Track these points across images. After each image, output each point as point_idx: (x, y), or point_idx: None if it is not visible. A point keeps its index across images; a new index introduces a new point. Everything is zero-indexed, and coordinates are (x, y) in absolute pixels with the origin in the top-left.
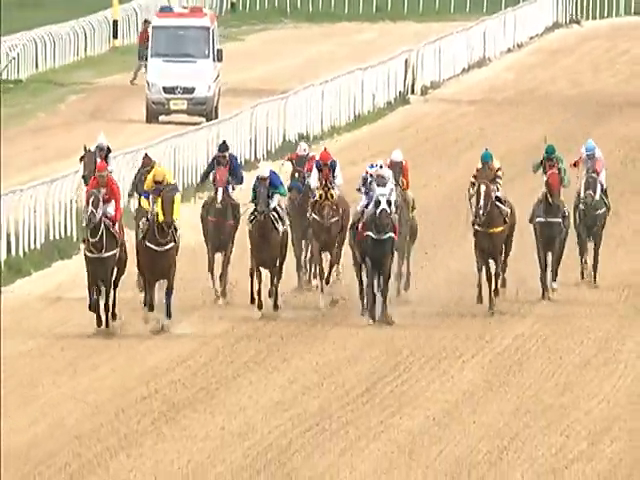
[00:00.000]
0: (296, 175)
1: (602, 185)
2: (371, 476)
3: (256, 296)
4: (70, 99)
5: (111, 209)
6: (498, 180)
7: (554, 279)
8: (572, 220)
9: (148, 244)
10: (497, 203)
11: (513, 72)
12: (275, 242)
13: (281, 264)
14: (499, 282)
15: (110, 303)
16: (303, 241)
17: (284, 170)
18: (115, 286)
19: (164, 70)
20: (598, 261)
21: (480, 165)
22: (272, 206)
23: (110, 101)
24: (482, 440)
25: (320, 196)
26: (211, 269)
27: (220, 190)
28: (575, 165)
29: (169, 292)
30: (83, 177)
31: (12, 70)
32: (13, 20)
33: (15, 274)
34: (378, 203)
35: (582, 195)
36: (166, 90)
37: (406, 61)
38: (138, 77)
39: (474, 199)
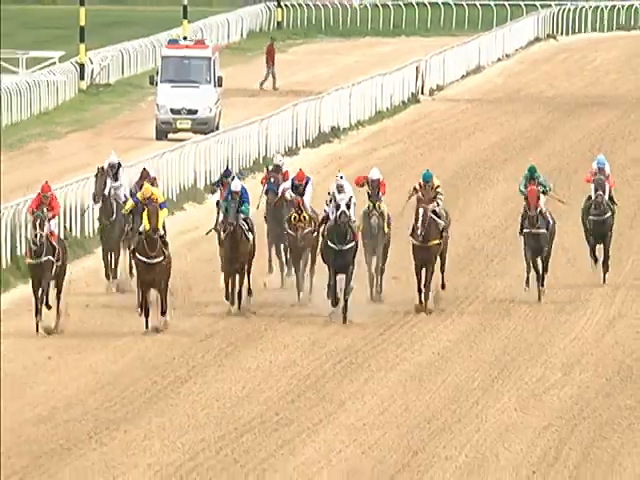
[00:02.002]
0: (272, 180)
1: (610, 191)
2: (389, 399)
3: (231, 296)
4: (148, 99)
5: (53, 225)
6: (439, 196)
7: (542, 284)
8: (581, 224)
9: (139, 256)
10: (434, 217)
11: (502, 77)
12: (244, 250)
13: (249, 270)
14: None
15: (47, 303)
16: (278, 244)
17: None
18: (59, 290)
19: (171, 94)
20: (609, 260)
21: (422, 183)
22: (242, 217)
23: None
24: (477, 371)
25: (294, 218)
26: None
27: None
28: (588, 181)
29: (162, 301)
30: (93, 195)
31: (104, 76)
32: (105, 36)
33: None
34: (338, 207)
35: (593, 196)
36: (173, 111)
37: (417, 68)
38: (268, 81)
39: (411, 212)
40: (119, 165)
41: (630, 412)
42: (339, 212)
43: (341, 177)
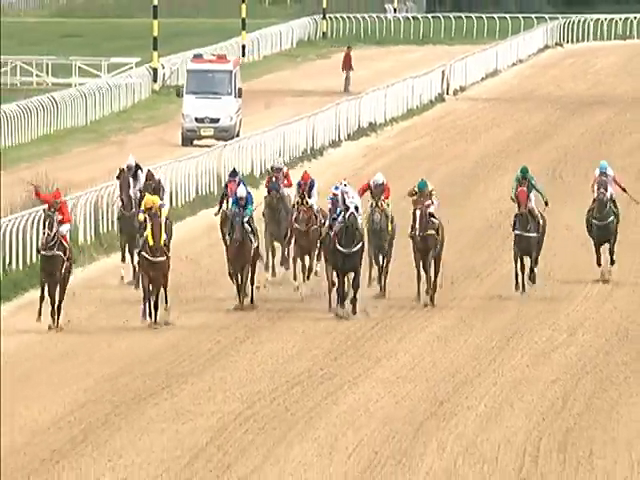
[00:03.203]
0: (273, 179)
1: (612, 195)
2: (419, 356)
3: (237, 294)
4: None
5: (64, 230)
6: (433, 200)
7: (531, 280)
8: (585, 227)
9: (144, 254)
10: (431, 218)
11: (516, 79)
12: (248, 249)
13: (253, 270)
14: (438, 278)
15: (58, 300)
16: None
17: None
18: (62, 288)
19: (196, 104)
20: (613, 260)
21: (418, 191)
22: (245, 220)
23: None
24: (494, 333)
25: (297, 202)
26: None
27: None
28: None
29: (165, 297)
30: (120, 197)
31: (173, 79)
32: (175, 45)
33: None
34: (347, 208)
35: (596, 194)
36: (197, 120)
37: (442, 72)
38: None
39: (411, 218)
40: (137, 167)
41: (626, 367)
42: (348, 213)
43: (345, 184)
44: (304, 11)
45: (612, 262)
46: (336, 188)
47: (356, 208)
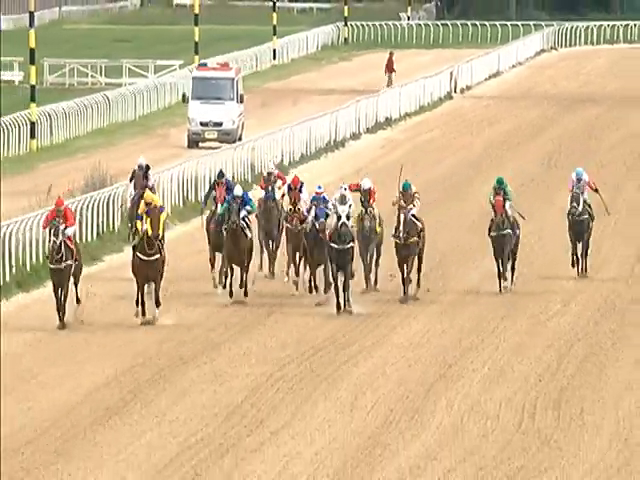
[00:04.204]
0: (269, 188)
1: (585, 200)
2: (429, 325)
3: (229, 289)
4: (246, 97)
5: (69, 231)
6: (416, 202)
7: (505, 278)
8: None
9: (138, 254)
10: (413, 220)
11: (517, 79)
12: (244, 246)
13: (248, 262)
14: (412, 278)
15: (67, 303)
16: (269, 240)
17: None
18: (76, 284)
19: (201, 109)
20: (587, 257)
21: (402, 191)
22: (242, 216)
23: (266, 98)
24: (495, 305)
25: (290, 210)
26: (212, 264)
27: (220, 206)
28: (570, 191)
29: (156, 294)
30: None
31: None
32: (214, 48)
33: None
34: (339, 218)
35: (569, 208)
36: (202, 124)
37: (451, 73)
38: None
39: (395, 221)
40: (147, 167)
41: (614, 334)
42: (340, 223)
43: (345, 189)
44: (328, 19)
45: (585, 268)
46: (319, 187)
47: (347, 217)
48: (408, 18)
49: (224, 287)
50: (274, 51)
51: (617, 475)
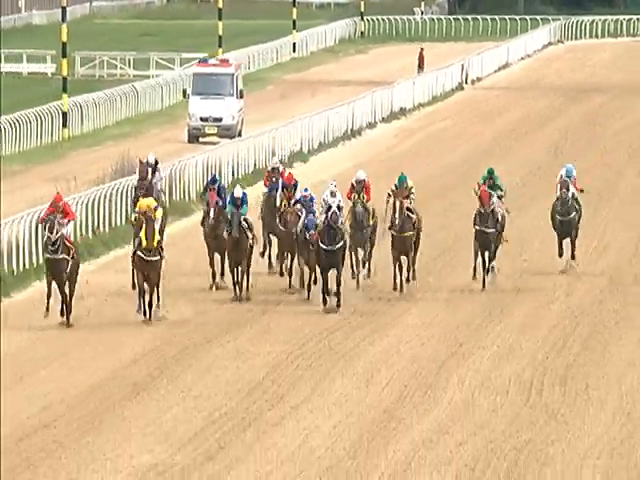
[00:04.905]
0: (273, 180)
1: (574, 194)
2: (441, 306)
3: (234, 287)
4: (268, 88)
5: (67, 230)
6: (412, 196)
7: (487, 273)
8: (550, 223)
9: (139, 254)
10: (408, 213)
11: (525, 71)
12: (244, 245)
13: (248, 263)
14: (410, 273)
15: (67, 298)
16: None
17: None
18: (72, 286)
19: (201, 105)
20: (575, 251)
21: (397, 184)
22: (241, 220)
23: (286, 89)
24: (502, 289)
25: (284, 205)
26: (211, 265)
27: (212, 210)
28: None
29: (157, 293)
30: (135, 187)
31: None
32: (237, 42)
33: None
34: (329, 207)
35: (558, 194)
36: (202, 119)
37: (462, 65)
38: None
39: (390, 211)
40: (156, 163)
41: (617, 314)
42: (331, 212)
43: (334, 185)
44: (345, 13)
45: (573, 256)
46: (305, 190)
47: (338, 207)
48: (421, 13)
49: (234, 290)
50: (294, 44)
51: (620, 447)
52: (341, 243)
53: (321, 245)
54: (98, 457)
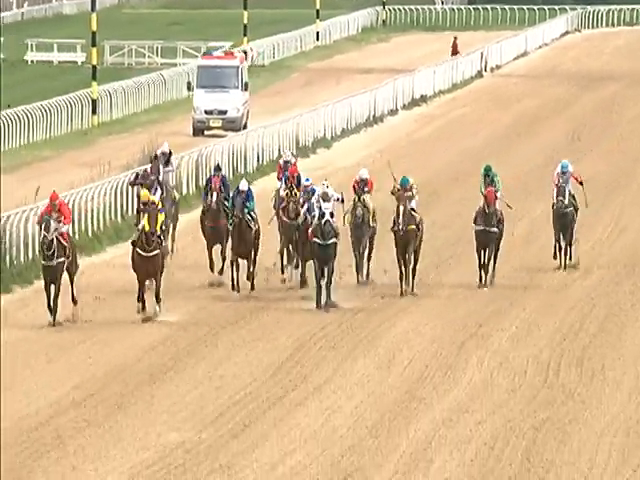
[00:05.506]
0: (287, 173)
1: (570, 192)
2: (460, 289)
3: (235, 283)
4: (292, 76)
5: (64, 228)
6: (415, 193)
7: (493, 275)
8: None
9: (137, 250)
10: (412, 212)
11: (542, 59)
12: (249, 238)
13: (255, 255)
14: (410, 275)
15: (59, 301)
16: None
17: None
18: (71, 282)
19: (205, 97)
20: (571, 248)
21: (400, 186)
22: (246, 211)
23: (310, 77)
24: (520, 271)
25: (286, 194)
26: (210, 257)
27: (214, 194)
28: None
29: (157, 290)
30: (152, 181)
31: (260, 60)
32: (261, 31)
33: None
34: (323, 215)
35: (554, 201)
36: (207, 112)
37: (481, 53)
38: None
39: (394, 214)
40: (170, 153)
41: (633, 296)
42: (324, 220)
43: (327, 186)
44: (367, 3)
45: (570, 256)
46: (307, 180)
47: (331, 214)
48: (442, 2)
49: (232, 285)
50: (317, 33)
51: (636, 425)
52: (334, 239)
53: (315, 239)
54: (126, 435)
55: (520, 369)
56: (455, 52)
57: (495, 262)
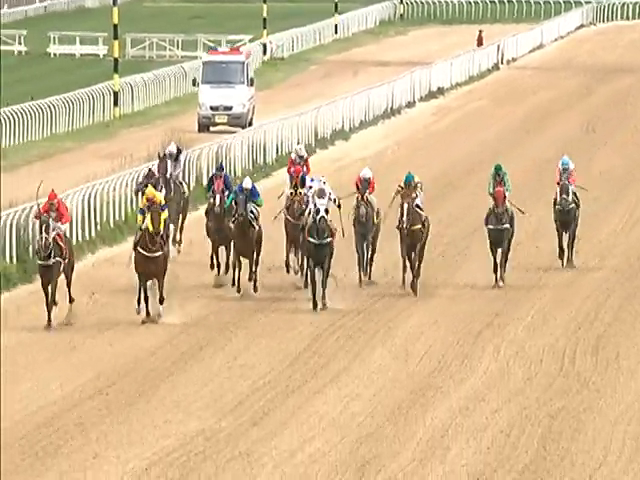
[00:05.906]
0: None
1: (573, 190)
2: (475, 280)
3: (237, 282)
4: (311, 68)
5: (63, 227)
6: (419, 192)
7: (504, 270)
8: (552, 216)
9: (140, 250)
10: (417, 210)
11: (557, 51)
12: (251, 237)
13: (257, 254)
14: (415, 271)
15: (54, 300)
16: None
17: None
18: (68, 283)
19: (211, 93)
20: (574, 246)
21: (404, 184)
22: (249, 210)
23: (329, 69)
24: (535, 261)
25: (291, 193)
26: (215, 258)
27: (218, 197)
28: (558, 183)
29: (160, 291)
30: (157, 179)
31: (279, 52)
32: (280, 24)
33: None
34: (318, 211)
35: (558, 199)
36: (212, 108)
37: (498, 46)
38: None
39: (397, 213)
40: (178, 152)
41: None
42: (319, 217)
43: (324, 182)
44: None
45: (570, 255)
46: (312, 180)
47: (326, 211)
48: None
49: (233, 283)
50: (335, 26)
51: None
52: (329, 239)
53: (309, 239)
54: (147, 423)
55: (536, 358)
56: (480, 44)
57: (506, 259)
